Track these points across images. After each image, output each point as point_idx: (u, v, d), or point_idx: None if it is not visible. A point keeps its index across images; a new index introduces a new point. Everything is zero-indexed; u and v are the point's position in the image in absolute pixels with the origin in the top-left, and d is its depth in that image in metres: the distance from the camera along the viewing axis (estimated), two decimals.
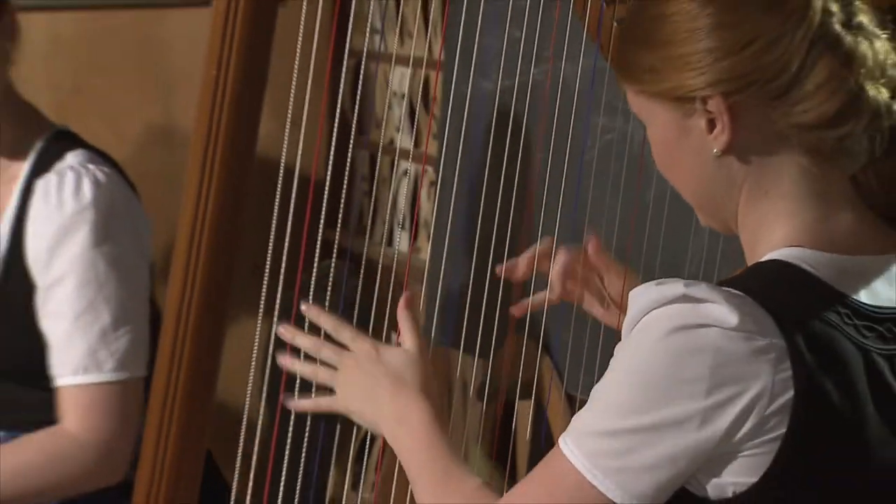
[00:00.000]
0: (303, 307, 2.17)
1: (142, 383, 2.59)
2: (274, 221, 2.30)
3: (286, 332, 2.16)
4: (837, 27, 1.80)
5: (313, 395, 2.19)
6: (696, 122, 1.84)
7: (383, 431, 2.08)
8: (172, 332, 2.31)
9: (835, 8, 1.80)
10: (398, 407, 2.07)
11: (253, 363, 2.34)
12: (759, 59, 1.78)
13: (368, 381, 2.09)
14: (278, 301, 2.24)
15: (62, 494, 2.66)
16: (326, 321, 2.14)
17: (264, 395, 2.35)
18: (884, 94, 1.81)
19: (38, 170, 2.62)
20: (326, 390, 2.17)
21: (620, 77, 1.92)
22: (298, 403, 2.18)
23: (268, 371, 2.25)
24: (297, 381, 2.19)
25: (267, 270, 2.26)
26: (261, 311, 2.20)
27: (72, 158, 2.62)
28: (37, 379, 2.59)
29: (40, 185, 2.62)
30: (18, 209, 2.63)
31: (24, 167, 2.65)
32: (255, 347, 2.29)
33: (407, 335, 2.10)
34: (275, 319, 2.19)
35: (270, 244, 2.28)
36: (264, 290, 2.22)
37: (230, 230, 2.29)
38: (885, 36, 1.83)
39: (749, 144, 1.84)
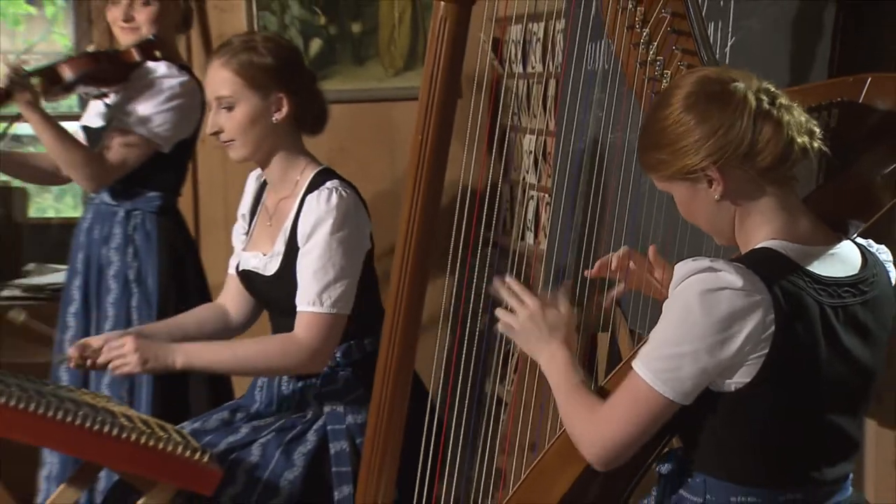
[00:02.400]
0: (507, 279, 2.05)
1: (345, 318, 2.54)
2: (454, 225, 2.28)
3: (499, 283, 2.05)
4: (767, 106, 1.78)
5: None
6: (701, 184, 1.82)
7: (539, 362, 2.00)
8: (395, 290, 2.27)
9: (763, 96, 1.79)
10: (550, 350, 1.97)
11: (441, 311, 2.31)
12: (726, 137, 1.77)
13: (534, 328, 2.00)
14: (457, 274, 2.21)
15: (282, 373, 2.62)
16: (517, 286, 2.04)
17: (448, 330, 2.30)
18: (805, 139, 1.80)
19: (311, 189, 2.57)
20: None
21: (647, 172, 1.91)
22: (498, 327, 2.06)
23: (451, 315, 2.22)
24: (468, 322, 2.15)
25: (450, 254, 2.22)
26: (446, 277, 2.16)
27: (329, 183, 2.57)
28: None
29: (309, 197, 2.56)
30: (296, 213, 2.58)
31: (303, 188, 2.60)
32: (443, 300, 2.26)
33: (563, 306, 2.01)
34: (454, 284, 2.17)
35: (452, 238, 2.24)
36: (448, 265, 2.19)
37: (428, 231, 2.25)
38: (798, 106, 1.82)
39: (735, 188, 1.82)
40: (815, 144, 1.81)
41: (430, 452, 2.31)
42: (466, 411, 2.34)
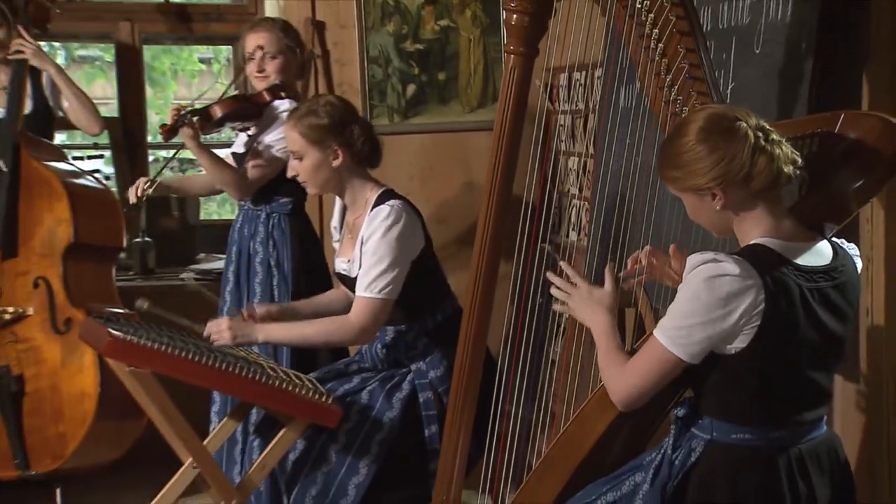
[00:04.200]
0: (561, 264, 2.03)
1: (391, 302, 2.48)
2: (519, 226, 2.26)
3: (552, 276, 2.02)
4: (763, 142, 1.75)
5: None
6: (706, 197, 1.80)
7: (589, 326, 1.98)
8: (473, 276, 2.26)
9: (760, 133, 1.75)
10: (597, 318, 1.96)
11: (509, 292, 2.29)
12: (729, 166, 1.74)
13: (584, 303, 1.98)
14: (521, 264, 2.19)
15: (338, 346, 2.67)
16: (570, 270, 2.01)
17: (517, 307, 2.29)
18: (790, 168, 1.77)
19: (375, 206, 2.55)
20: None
21: (665, 183, 1.88)
22: (555, 307, 2.03)
23: (516, 298, 2.20)
24: (529, 300, 2.12)
25: (515, 247, 2.20)
26: (512, 265, 2.15)
27: (388, 201, 2.54)
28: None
29: (372, 213, 2.52)
30: (365, 225, 2.55)
31: (370, 204, 2.57)
32: (510, 283, 2.25)
33: (608, 283, 1.98)
34: (519, 270, 2.15)
35: (518, 235, 2.23)
36: (514, 256, 2.17)
37: (499, 230, 2.24)
38: (786, 141, 1.78)
39: (733, 202, 1.79)
40: (798, 172, 1.79)
41: (499, 399, 2.30)
42: (527, 368, 2.32)
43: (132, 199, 3.10)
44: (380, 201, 2.55)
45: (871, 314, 2.33)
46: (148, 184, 3.08)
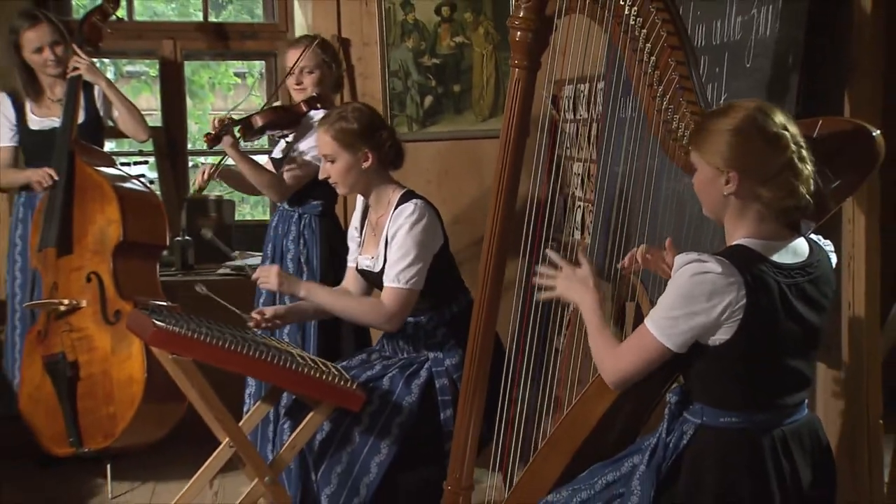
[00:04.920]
0: (547, 251, 2.06)
1: (417, 293, 2.49)
2: (524, 225, 2.25)
3: (542, 269, 2.04)
4: (796, 159, 1.72)
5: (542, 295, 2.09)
6: (721, 178, 1.77)
7: (575, 303, 1.97)
8: (483, 272, 2.25)
9: (797, 148, 1.73)
10: (582, 296, 1.96)
11: (515, 286, 2.29)
12: (757, 164, 1.73)
13: (569, 282, 1.99)
14: (528, 260, 2.19)
15: (368, 325, 2.67)
16: (554, 255, 2.03)
17: (523, 300, 2.29)
18: (804, 189, 1.75)
19: (397, 206, 2.56)
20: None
21: (691, 147, 1.82)
22: (540, 297, 2.06)
23: (523, 290, 2.20)
24: (535, 294, 2.11)
25: (521, 246, 2.21)
26: (518, 263, 2.15)
27: (412, 199, 2.55)
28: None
29: (397, 210, 2.53)
30: (390, 222, 2.56)
31: (393, 206, 2.57)
32: (517, 278, 2.24)
33: (583, 262, 2.00)
34: (526, 268, 2.14)
35: (523, 234, 2.23)
36: (520, 254, 2.18)
37: (507, 229, 2.23)
38: (812, 162, 1.75)
39: (743, 191, 1.77)
40: (808, 195, 1.77)
41: (508, 385, 2.30)
42: (533, 356, 2.33)
43: (197, 185, 3.11)
44: (403, 200, 2.56)
45: (853, 307, 2.32)
46: (213, 168, 3.07)
